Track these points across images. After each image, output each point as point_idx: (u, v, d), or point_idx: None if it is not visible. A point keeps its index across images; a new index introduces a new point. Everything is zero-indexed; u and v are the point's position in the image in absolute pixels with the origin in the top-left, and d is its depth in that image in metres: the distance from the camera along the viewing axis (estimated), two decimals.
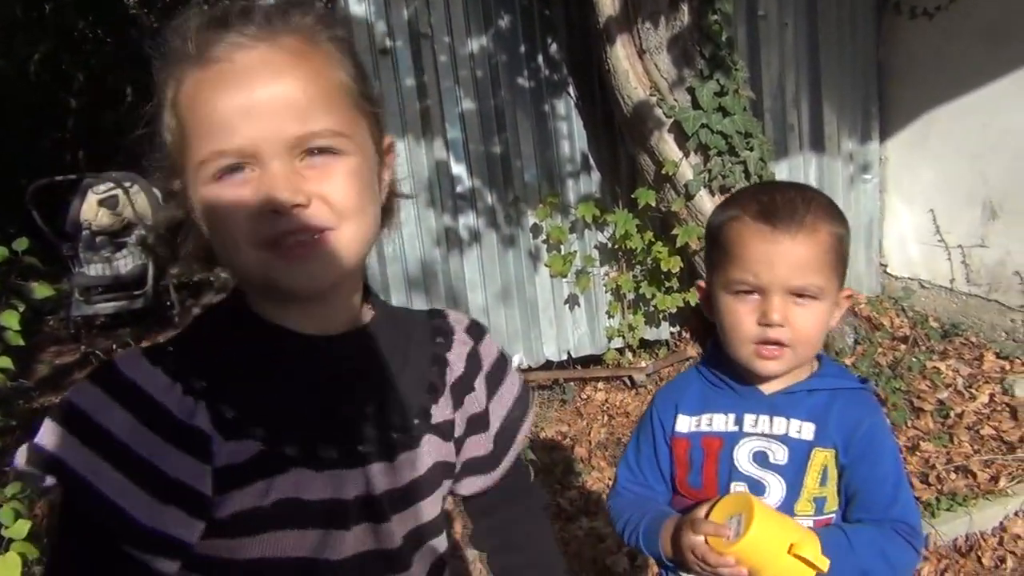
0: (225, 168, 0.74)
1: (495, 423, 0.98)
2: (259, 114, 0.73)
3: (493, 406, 0.98)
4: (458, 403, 0.94)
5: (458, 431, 0.94)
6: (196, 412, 0.75)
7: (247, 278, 0.81)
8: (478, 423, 0.96)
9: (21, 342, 2.41)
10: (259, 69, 0.74)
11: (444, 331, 0.97)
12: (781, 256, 1.15)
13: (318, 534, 0.81)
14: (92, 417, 0.73)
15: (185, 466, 0.74)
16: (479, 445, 0.97)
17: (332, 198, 0.76)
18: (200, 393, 0.76)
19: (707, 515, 1.16)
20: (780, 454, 1.21)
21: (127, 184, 5.98)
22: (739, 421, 1.25)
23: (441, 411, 0.92)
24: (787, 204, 1.16)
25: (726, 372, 1.27)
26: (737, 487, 1.23)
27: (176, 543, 0.74)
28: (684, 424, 1.30)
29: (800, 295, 1.16)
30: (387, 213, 0.91)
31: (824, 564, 1.10)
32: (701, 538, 1.14)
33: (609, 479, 3.50)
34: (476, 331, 1.00)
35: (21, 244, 2.53)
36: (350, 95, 0.80)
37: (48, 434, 0.73)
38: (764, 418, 1.23)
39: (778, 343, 1.17)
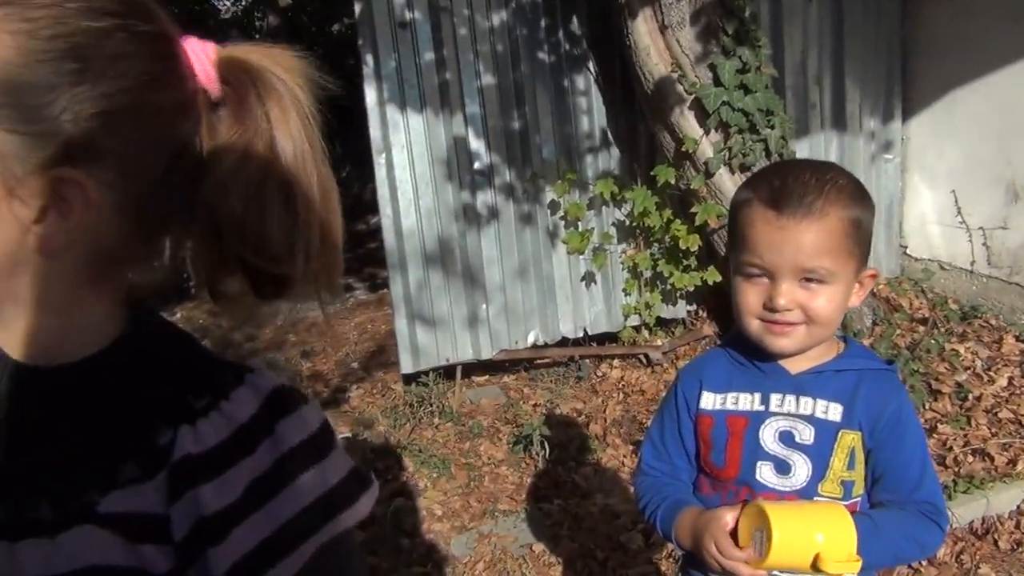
0: None
1: (244, 538, 0.68)
2: None
3: (250, 515, 0.68)
4: (177, 494, 0.67)
5: (177, 533, 0.67)
6: None
7: None
8: (212, 531, 0.68)
9: None
10: None
11: (210, 393, 0.70)
12: (786, 242, 1.15)
13: None
14: None
15: None
16: (214, 561, 0.68)
17: None
18: None
19: (732, 529, 1.17)
20: (806, 434, 1.21)
21: None
22: (765, 400, 1.25)
23: (128, 499, 0.68)
24: (798, 188, 1.16)
25: (751, 351, 1.27)
26: (762, 467, 1.23)
27: None
28: (708, 401, 1.30)
29: (810, 279, 1.16)
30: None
31: (853, 568, 1.11)
32: (730, 562, 1.15)
33: (624, 457, 3.51)
34: (274, 408, 0.71)
35: None
36: None
37: None
38: (790, 398, 1.23)
39: (786, 322, 1.18)
